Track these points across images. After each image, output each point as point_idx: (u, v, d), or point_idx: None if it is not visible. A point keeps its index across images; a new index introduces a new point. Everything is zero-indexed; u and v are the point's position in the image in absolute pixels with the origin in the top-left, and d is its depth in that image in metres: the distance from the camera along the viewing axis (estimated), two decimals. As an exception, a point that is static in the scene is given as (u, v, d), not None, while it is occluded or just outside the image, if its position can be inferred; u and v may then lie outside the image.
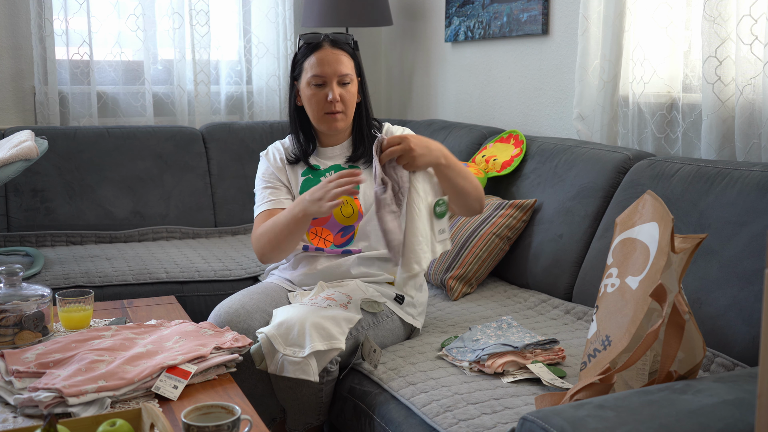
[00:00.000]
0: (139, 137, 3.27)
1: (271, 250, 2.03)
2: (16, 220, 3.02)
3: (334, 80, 2.07)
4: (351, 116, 2.14)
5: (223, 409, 1.34)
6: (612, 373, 1.42)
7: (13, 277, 1.84)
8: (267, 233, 2.02)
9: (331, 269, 2.10)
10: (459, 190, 1.95)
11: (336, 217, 2.10)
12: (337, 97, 2.07)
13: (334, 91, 2.06)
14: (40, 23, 3.27)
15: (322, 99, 2.08)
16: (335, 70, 2.07)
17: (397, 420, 1.70)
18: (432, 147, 1.87)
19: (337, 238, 2.11)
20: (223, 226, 3.31)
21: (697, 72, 2.36)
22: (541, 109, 3.03)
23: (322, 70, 2.07)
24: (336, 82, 2.07)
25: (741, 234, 1.83)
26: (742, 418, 1.23)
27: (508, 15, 3.12)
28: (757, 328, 1.70)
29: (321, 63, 2.07)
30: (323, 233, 2.12)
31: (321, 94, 2.08)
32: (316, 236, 2.12)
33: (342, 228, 2.11)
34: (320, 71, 2.07)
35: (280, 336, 1.79)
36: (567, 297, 2.32)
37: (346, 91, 2.09)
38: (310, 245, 2.13)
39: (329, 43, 2.09)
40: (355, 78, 2.12)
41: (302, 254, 2.15)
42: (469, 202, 2.00)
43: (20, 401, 1.49)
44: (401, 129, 2.19)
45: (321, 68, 2.07)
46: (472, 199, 2.00)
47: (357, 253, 2.10)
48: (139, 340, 1.77)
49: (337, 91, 2.07)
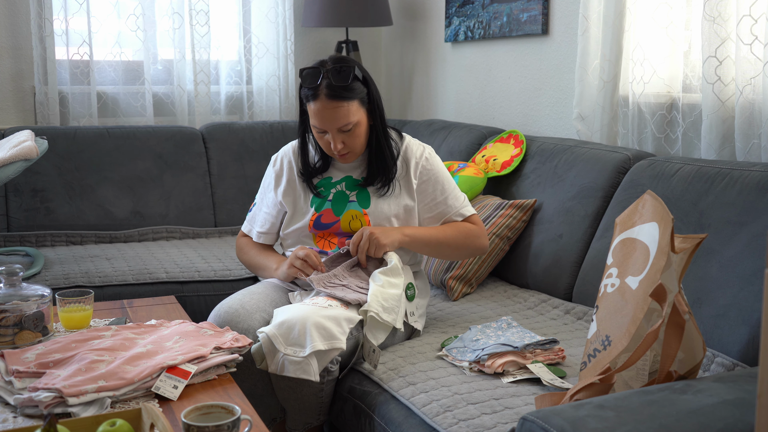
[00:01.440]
0: (139, 137, 3.27)
1: (247, 267, 2.31)
2: (16, 220, 3.02)
3: (335, 131, 2.02)
4: (360, 149, 2.09)
5: (223, 409, 1.34)
6: (612, 373, 1.42)
7: (13, 277, 1.83)
8: (247, 257, 2.26)
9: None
10: (435, 252, 2.17)
11: (343, 228, 2.10)
12: (339, 146, 2.03)
13: (335, 141, 2.03)
14: (40, 23, 3.27)
15: (327, 144, 2.06)
16: (334, 124, 2.00)
17: (397, 420, 1.70)
18: (390, 230, 2.05)
19: (341, 242, 2.12)
20: (223, 226, 3.31)
21: (697, 72, 2.36)
22: (541, 109, 3.03)
23: (321, 124, 2.01)
24: (337, 131, 2.02)
25: (741, 234, 1.83)
26: (742, 418, 1.23)
27: (508, 15, 3.12)
28: (757, 328, 1.70)
29: (319, 116, 2.00)
30: (329, 236, 2.12)
31: (325, 140, 2.05)
32: (323, 239, 2.13)
33: (348, 235, 2.12)
34: (319, 124, 2.02)
35: (281, 335, 1.79)
36: (567, 297, 2.32)
37: (349, 135, 2.03)
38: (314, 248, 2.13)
39: (326, 93, 1.98)
40: (361, 118, 2.04)
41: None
42: (452, 253, 2.19)
43: (20, 401, 1.49)
44: (422, 146, 2.18)
45: (320, 122, 2.01)
46: (461, 253, 2.19)
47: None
48: (139, 340, 1.77)
49: (339, 139, 2.03)
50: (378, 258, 2.02)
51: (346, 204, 2.11)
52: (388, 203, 2.11)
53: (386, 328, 1.93)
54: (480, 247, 2.18)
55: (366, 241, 1.99)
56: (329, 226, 2.11)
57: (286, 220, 2.18)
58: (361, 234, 2.00)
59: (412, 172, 2.13)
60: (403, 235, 2.06)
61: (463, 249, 2.16)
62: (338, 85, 1.98)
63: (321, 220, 2.11)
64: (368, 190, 2.12)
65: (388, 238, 2.01)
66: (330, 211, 2.11)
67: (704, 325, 1.79)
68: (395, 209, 2.11)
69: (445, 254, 2.19)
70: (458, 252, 2.18)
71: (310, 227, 2.12)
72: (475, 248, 2.18)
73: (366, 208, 2.09)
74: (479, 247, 2.18)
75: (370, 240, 1.99)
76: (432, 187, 2.14)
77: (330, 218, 2.11)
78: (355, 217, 2.09)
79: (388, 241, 2.00)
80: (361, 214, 2.09)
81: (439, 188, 2.14)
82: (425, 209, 2.15)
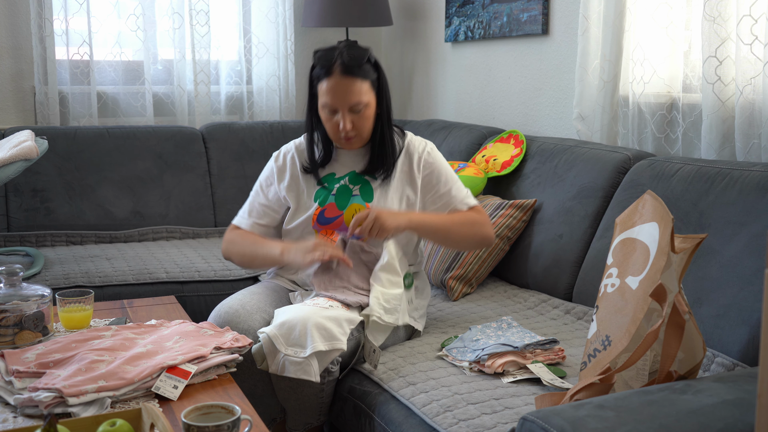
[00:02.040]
0: (139, 137, 3.27)
1: (238, 262, 2.20)
2: (16, 220, 3.02)
3: (346, 109, 2.03)
4: (367, 135, 2.11)
5: (223, 409, 1.34)
6: (612, 373, 1.42)
7: (13, 277, 1.83)
8: (240, 248, 2.16)
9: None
10: (442, 239, 2.14)
11: (347, 222, 2.10)
12: (348, 126, 2.04)
13: (344, 120, 2.04)
14: (40, 23, 3.27)
15: (335, 125, 2.06)
16: (345, 100, 2.02)
17: (397, 420, 1.70)
18: (398, 213, 2.02)
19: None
20: (223, 226, 3.30)
21: (697, 72, 2.36)
22: (541, 109, 3.03)
23: (333, 101, 2.03)
24: (348, 110, 2.04)
25: (741, 234, 1.83)
26: (742, 418, 1.23)
27: (508, 15, 3.12)
28: (757, 328, 1.70)
29: (331, 92, 2.02)
30: (332, 235, 2.13)
31: (334, 121, 2.06)
32: (325, 236, 2.13)
33: None
34: (331, 101, 2.03)
35: (282, 336, 1.79)
36: (567, 297, 2.32)
37: (359, 116, 2.05)
38: None
39: (341, 70, 2.01)
40: (371, 100, 2.06)
41: None
42: (459, 241, 2.14)
43: (20, 401, 1.49)
44: (424, 141, 2.19)
45: (331, 98, 2.03)
46: (462, 238, 2.13)
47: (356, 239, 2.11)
48: (139, 340, 1.77)
49: (349, 119, 2.04)
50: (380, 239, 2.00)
51: (350, 198, 2.12)
52: (390, 197, 2.11)
53: (387, 329, 1.93)
54: (486, 237, 2.14)
55: (370, 223, 1.95)
56: (332, 221, 2.11)
57: (290, 215, 2.17)
58: (367, 214, 1.96)
59: (416, 166, 2.14)
60: (410, 221, 2.03)
61: (470, 238, 2.13)
62: (352, 63, 2.01)
63: (324, 215, 2.11)
64: (371, 184, 2.13)
65: (394, 223, 1.97)
66: (333, 206, 2.11)
67: (704, 325, 1.79)
68: (398, 203, 2.11)
69: (453, 241, 2.15)
70: (465, 240, 2.14)
71: (313, 222, 2.12)
72: (482, 237, 2.14)
73: (369, 202, 2.10)
74: (486, 236, 2.14)
75: (375, 222, 1.95)
76: (436, 178, 2.14)
77: (333, 212, 2.11)
78: (358, 211, 2.10)
79: (393, 225, 1.97)
80: (365, 209, 2.10)
81: (442, 179, 2.14)
82: (430, 201, 2.15)
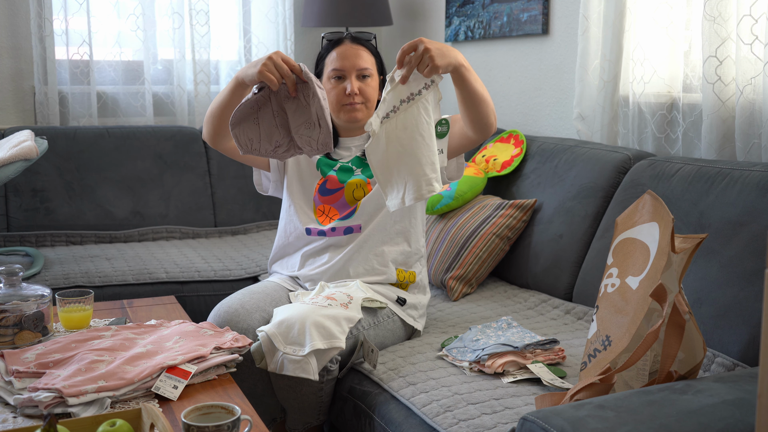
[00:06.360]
0: (138, 137, 3.27)
1: (211, 124, 2.04)
2: (16, 220, 3.02)
3: (353, 73, 2.10)
4: (372, 109, 2.14)
5: (223, 409, 1.34)
6: (612, 373, 1.42)
7: (13, 277, 1.83)
8: (209, 109, 2.04)
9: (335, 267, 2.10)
10: (478, 96, 1.88)
11: (347, 197, 2.12)
12: (356, 90, 2.09)
13: (352, 83, 2.10)
14: (40, 23, 3.27)
15: (342, 92, 2.11)
16: (354, 63, 2.10)
17: (397, 420, 1.70)
18: (448, 48, 1.79)
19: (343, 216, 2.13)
20: (223, 226, 3.31)
21: (697, 72, 2.36)
22: (541, 109, 3.03)
23: (342, 64, 2.11)
24: (355, 76, 2.11)
25: (741, 234, 1.83)
26: (742, 418, 1.23)
27: (508, 15, 3.12)
28: (757, 328, 1.70)
29: (340, 57, 2.11)
30: (330, 212, 2.13)
31: (340, 87, 2.11)
32: (323, 214, 2.15)
33: (349, 209, 2.12)
34: (339, 65, 2.11)
35: (281, 334, 1.79)
36: (567, 297, 2.32)
37: (365, 84, 2.12)
38: (313, 227, 2.13)
39: (350, 39, 2.15)
40: (375, 73, 2.15)
41: (308, 251, 2.15)
42: (487, 111, 1.92)
43: (20, 401, 1.49)
44: None
45: (340, 62, 2.11)
46: (489, 108, 1.92)
47: (357, 231, 2.11)
48: (139, 340, 1.77)
49: (356, 84, 2.10)
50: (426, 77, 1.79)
51: (351, 174, 2.15)
52: None
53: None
54: (495, 120, 1.98)
55: (418, 58, 1.74)
56: (333, 192, 2.14)
57: (292, 179, 2.18)
58: (415, 45, 1.74)
59: None
60: (463, 61, 1.82)
61: (490, 111, 1.94)
62: (360, 36, 2.17)
63: (326, 186, 2.15)
64: None
65: (445, 59, 1.75)
66: (335, 178, 2.14)
67: (704, 325, 1.79)
68: None
69: (484, 98, 1.91)
70: (490, 105, 1.93)
71: (315, 191, 2.15)
72: (494, 118, 1.97)
73: (370, 178, 2.12)
74: (492, 116, 1.97)
75: (423, 57, 1.73)
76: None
77: (335, 184, 2.14)
78: (359, 185, 2.12)
79: (444, 63, 1.75)
80: (365, 183, 2.12)
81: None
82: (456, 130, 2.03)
